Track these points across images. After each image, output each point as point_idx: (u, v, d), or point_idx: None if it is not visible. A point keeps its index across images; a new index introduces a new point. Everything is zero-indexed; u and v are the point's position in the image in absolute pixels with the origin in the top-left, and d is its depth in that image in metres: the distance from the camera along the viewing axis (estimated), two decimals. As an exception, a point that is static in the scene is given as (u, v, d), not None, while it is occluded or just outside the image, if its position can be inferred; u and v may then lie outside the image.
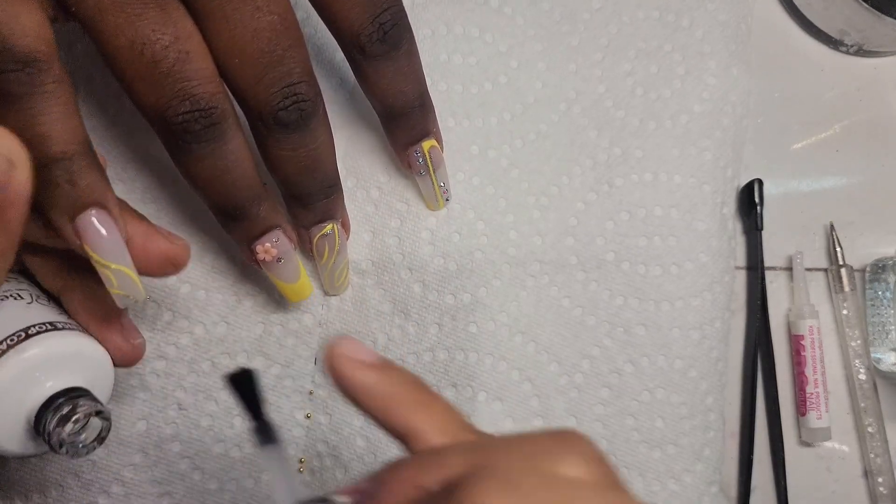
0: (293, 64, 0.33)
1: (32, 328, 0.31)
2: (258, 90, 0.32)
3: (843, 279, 0.49)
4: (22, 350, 0.30)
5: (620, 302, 0.45)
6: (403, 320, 0.44)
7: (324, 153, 0.36)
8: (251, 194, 0.36)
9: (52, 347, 0.31)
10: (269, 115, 0.33)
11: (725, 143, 0.47)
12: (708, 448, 0.45)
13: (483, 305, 0.44)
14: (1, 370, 0.30)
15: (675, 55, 0.48)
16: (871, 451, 0.48)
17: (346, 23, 0.34)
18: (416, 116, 0.39)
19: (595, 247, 0.46)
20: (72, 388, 0.31)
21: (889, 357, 0.48)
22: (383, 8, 0.34)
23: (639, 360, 0.45)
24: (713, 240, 0.46)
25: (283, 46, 0.32)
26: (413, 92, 0.38)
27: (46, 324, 0.32)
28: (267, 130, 0.34)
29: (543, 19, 0.48)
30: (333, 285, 0.43)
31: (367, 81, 0.37)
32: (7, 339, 0.31)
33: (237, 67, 0.32)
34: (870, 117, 0.51)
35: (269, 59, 0.32)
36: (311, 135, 0.35)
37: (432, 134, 0.41)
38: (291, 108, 0.33)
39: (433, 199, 0.43)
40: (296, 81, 0.33)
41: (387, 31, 0.35)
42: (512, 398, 0.44)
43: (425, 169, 0.41)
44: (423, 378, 0.43)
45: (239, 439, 0.42)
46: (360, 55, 0.36)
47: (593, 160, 0.47)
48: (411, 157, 0.41)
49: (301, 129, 0.34)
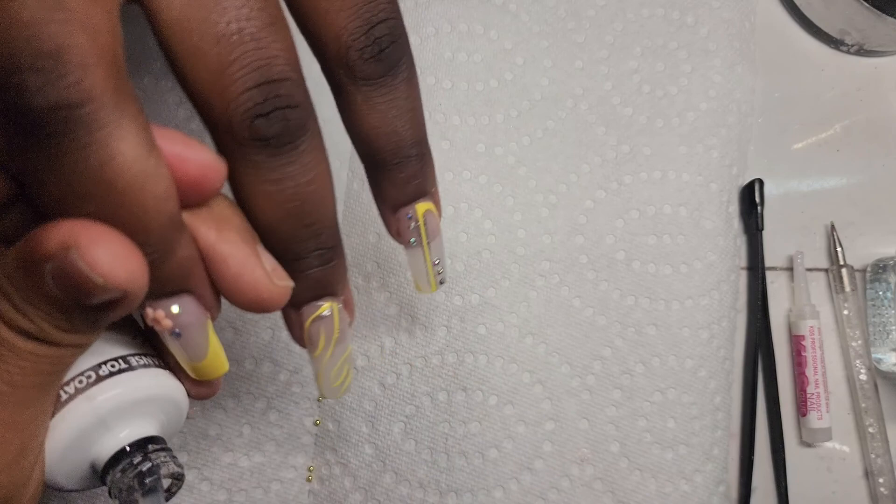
0: (275, 50, 0.23)
1: (104, 367, 0.27)
2: (224, 84, 0.22)
3: (843, 279, 0.49)
4: (91, 396, 0.26)
5: (631, 302, 0.45)
6: (410, 323, 0.43)
7: (320, 189, 0.26)
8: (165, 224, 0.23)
9: (126, 394, 0.27)
10: (241, 124, 0.23)
11: (731, 142, 0.47)
12: (716, 447, 0.45)
13: (492, 306, 0.43)
14: (68, 418, 0.26)
15: (680, 53, 0.48)
16: (871, 452, 0.48)
17: (332, 31, 0.25)
18: (412, 168, 0.29)
19: (605, 245, 0.45)
20: (146, 438, 0.27)
21: (890, 357, 0.48)
22: (381, 18, 0.26)
23: (650, 361, 0.44)
24: (720, 238, 0.46)
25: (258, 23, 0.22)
26: (410, 135, 0.28)
27: (119, 360, 0.27)
28: (237, 149, 0.24)
29: (548, 16, 0.48)
30: (329, 385, 0.32)
31: (352, 113, 0.27)
32: (76, 381, 0.26)
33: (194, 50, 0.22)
34: (870, 117, 0.51)
35: (238, 37, 0.22)
36: (300, 159, 0.24)
37: (430, 195, 0.31)
38: (273, 115, 0.23)
39: (424, 278, 0.34)
40: (277, 77, 0.23)
41: (383, 48, 0.26)
42: (523, 401, 0.43)
43: (417, 239, 0.32)
44: (433, 382, 0.43)
45: (248, 448, 0.40)
46: (346, 76, 0.26)
47: (601, 157, 0.46)
48: (401, 222, 0.31)
49: (286, 149, 0.24)
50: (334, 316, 0.29)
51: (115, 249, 0.21)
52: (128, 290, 0.21)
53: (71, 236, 0.20)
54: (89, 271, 0.20)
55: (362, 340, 0.43)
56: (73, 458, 0.27)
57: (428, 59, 0.45)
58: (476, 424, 0.42)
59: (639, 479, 0.43)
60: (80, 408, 0.26)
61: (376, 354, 0.43)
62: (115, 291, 0.21)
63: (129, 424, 0.27)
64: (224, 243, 0.25)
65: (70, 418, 0.26)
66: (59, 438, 0.26)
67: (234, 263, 0.25)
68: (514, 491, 0.42)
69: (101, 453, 0.27)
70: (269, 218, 0.25)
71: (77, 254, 0.20)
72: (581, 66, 0.47)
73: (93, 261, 0.20)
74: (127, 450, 0.27)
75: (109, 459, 0.27)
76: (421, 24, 0.46)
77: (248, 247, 0.26)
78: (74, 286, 0.21)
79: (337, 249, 0.28)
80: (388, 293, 0.43)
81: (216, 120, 0.23)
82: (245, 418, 0.41)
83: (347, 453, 0.42)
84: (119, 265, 0.21)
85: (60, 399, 0.26)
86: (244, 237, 0.26)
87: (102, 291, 0.21)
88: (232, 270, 0.25)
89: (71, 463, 0.27)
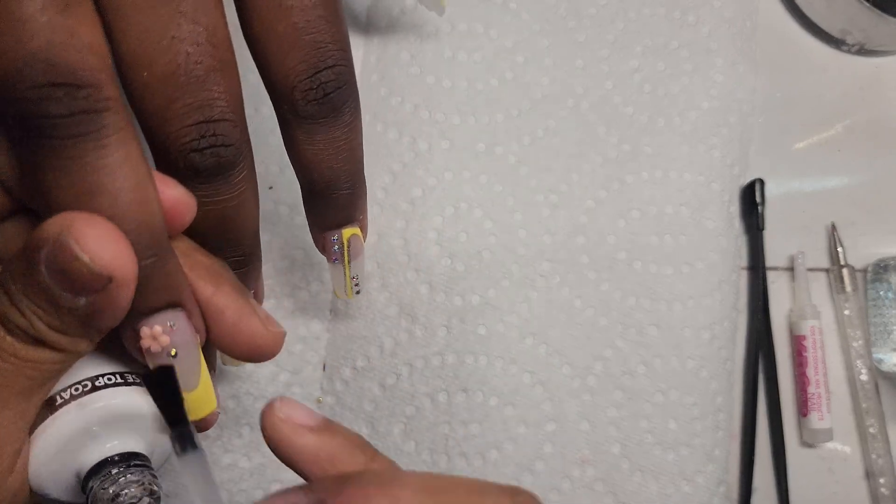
0: (216, 93, 0.25)
1: (100, 378, 0.28)
2: (167, 118, 0.25)
3: (844, 279, 0.49)
4: (84, 404, 0.27)
5: (633, 302, 0.44)
6: (410, 323, 0.43)
7: (242, 212, 0.29)
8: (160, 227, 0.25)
9: (118, 406, 0.28)
10: (178, 156, 0.26)
11: (732, 141, 0.47)
12: (718, 448, 0.45)
13: (492, 307, 0.43)
14: (59, 422, 0.27)
15: (681, 52, 0.48)
16: (872, 452, 0.48)
17: (281, 70, 0.28)
18: (342, 200, 0.33)
19: (606, 245, 0.45)
20: (130, 453, 0.28)
21: (891, 357, 0.48)
22: (328, 64, 0.28)
23: (651, 361, 0.44)
24: (722, 238, 0.46)
25: (205, 67, 0.25)
26: (345, 172, 0.32)
27: (116, 375, 0.28)
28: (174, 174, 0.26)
29: (549, 15, 0.48)
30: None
31: (292, 146, 0.31)
32: (72, 388, 0.27)
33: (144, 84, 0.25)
34: (872, 117, 0.51)
35: (185, 79, 0.25)
36: (228, 189, 0.27)
37: (357, 221, 0.35)
38: (207, 152, 0.26)
39: (342, 288, 0.38)
40: (216, 118, 0.25)
41: (327, 93, 0.28)
42: (524, 403, 0.43)
43: (340, 259, 0.36)
44: (433, 383, 0.42)
45: (248, 449, 0.40)
46: (289, 113, 0.29)
47: (603, 157, 0.46)
48: (327, 241, 0.35)
49: (217, 180, 0.27)
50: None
51: (103, 233, 0.22)
52: (114, 275, 0.23)
53: (65, 223, 0.22)
54: (78, 249, 0.22)
55: (362, 341, 0.43)
56: (60, 462, 0.27)
57: (428, 58, 0.45)
58: (476, 426, 0.42)
59: (640, 481, 0.43)
60: (71, 413, 0.27)
61: (376, 355, 0.43)
62: (100, 277, 0.22)
63: (117, 437, 0.28)
64: (221, 296, 0.28)
65: (61, 422, 0.27)
66: (48, 441, 0.27)
67: (230, 314, 0.28)
68: (514, 492, 0.42)
69: (86, 462, 0.27)
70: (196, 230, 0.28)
71: (67, 234, 0.22)
72: (582, 65, 0.47)
73: (81, 239, 0.22)
74: (109, 461, 0.27)
75: (92, 468, 0.27)
76: (421, 22, 0.46)
77: (242, 298, 0.28)
78: (63, 270, 0.22)
79: (251, 258, 0.31)
80: (389, 293, 0.43)
81: (158, 149, 0.26)
82: (245, 419, 0.41)
83: (347, 455, 0.42)
84: (105, 248, 0.22)
85: (55, 404, 0.27)
86: (238, 290, 0.29)
87: (88, 275, 0.22)
88: (229, 320, 0.28)
89: (58, 467, 0.27)
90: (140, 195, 0.24)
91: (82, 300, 0.23)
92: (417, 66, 0.45)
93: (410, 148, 0.45)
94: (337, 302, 0.43)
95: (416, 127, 0.45)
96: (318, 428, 0.27)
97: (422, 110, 0.45)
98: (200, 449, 0.26)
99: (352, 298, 0.40)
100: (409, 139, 0.45)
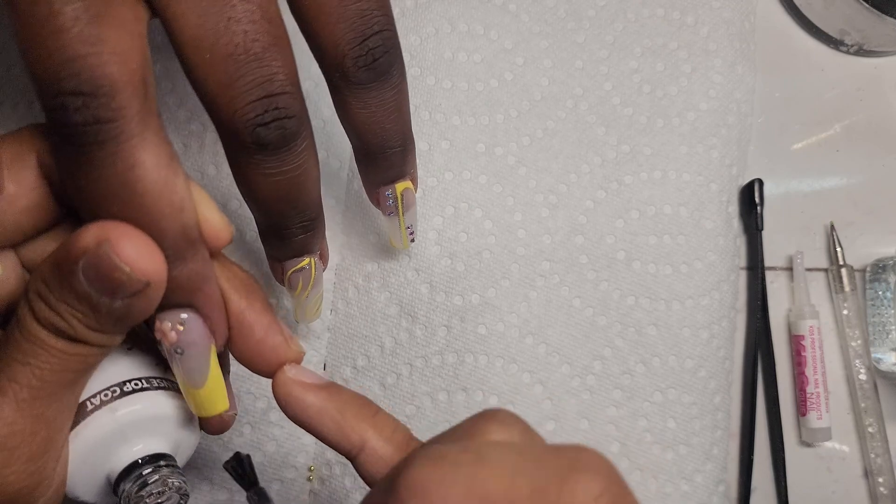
0: (276, 67, 0.26)
1: (128, 384, 0.29)
2: (232, 96, 0.26)
3: (843, 279, 0.49)
4: (114, 409, 0.28)
5: (632, 301, 0.45)
6: (411, 323, 0.43)
7: (307, 180, 0.30)
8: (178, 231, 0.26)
9: (145, 410, 0.29)
10: (245, 131, 0.27)
11: (731, 141, 0.47)
12: (716, 447, 0.45)
13: (492, 306, 0.43)
14: (91, 426, 0.28)
15: (680, 53, 0.48)
16: (871, 452, 0.48)
17: (330, 40, 0.29)
18: (395, 158, 0.35)
19: (605, 245, 0.45)
20: (158, 454, 0.29)
21: (889, 357, 0.48)
22: (375, 30, 0.29)
23: (650, 361, 0.44)
24: (720, 238, 0.46)
25: (262, 43, 0.26)
26: (396, 132, 0.33)
27: (142, 380, 0.30)
28: (241, 149, 0.28)
29: (548, 16, 0.48)
30: (305, 315, 0.39)
31: (345, 111, 0.32)
32: (101, 394, 0.29)
33: (207, 65, 0.26)
34: (870, 117, 0.51)
35: (245, 57, 0.26)
36: (293, 158, 0.29)
37: (408, 175, 0.37)
38: (272, 125, 0.27)
39: (398, 238, 0.40)
40: (277, 91, 0.27)
41: (376, 58, 0.30)
42: (524, 401, 0.43)
43: (395, 211, 0.38)
44: (433, 382, 0.43)
45: (248, 448, 0.40)
46: (341, 80, 0.30)
47: (602, 157, 0.46)
48: (381, 195, 0.37)
49: (282, 152, 0.28)
50: (312, 268, 0.35)
51: (139, 244, 0.24)
52: (151, 281, 0.25)
53: (102, 233, 0.24)
54: (118, 261, 0.24)
55: (362, 340, 0.43)
56: (91, 465, 0.29)
57: (428, 59, 0.45)
58: (476, 424, 0.42)
59: (639, 479, 0.43)
60: (103, 418, 0.28)
61: (376, 354, 0.43)
62: (139, 283, 0.24)
63: (145, 439, 0.29)
64: (252, 311, 0.30)
65: (93, 426, 0.28)
66: (81, 444, 0.28)
67: (258, 329, 0.30)
68: (514, 491, 0.42)
69: (117, 465, 0.29)
70: (265, 200, 0.30)
71: (108, 246, 0.24)
72: (581, 66, 0.47)
73: (121, 251, 0.24)
74: (139, 462, 0.29)
75: (122, 471, 0.29)
76: (421, 24, 0.46)
77: (270, 315, 0.30)
78: (103, 278, 0.24)
79: (318, 220, 0.33)
80: (389, 293, 0.43)
81: (224, 125, 0.27)
82: (245, 418, 0.41)
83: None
84: (143, 257, 0.24)
85: (86, 409, 0.28)
86: (268, 307, 0.30)
87: (128, 282, 0.24)
88: (256, 336, 0.30)
89: (90, 470, 0.29)
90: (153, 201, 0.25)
91: (118, 302, 0.25)
92: (417, 67, 0.45)
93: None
94: (337, 301, 0.43)
95: (417, 127, 0.45)
96: (325, 386, 0.30)
97: (422, 111, 0.45)
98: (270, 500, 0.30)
99: (408, 248, 0.42)
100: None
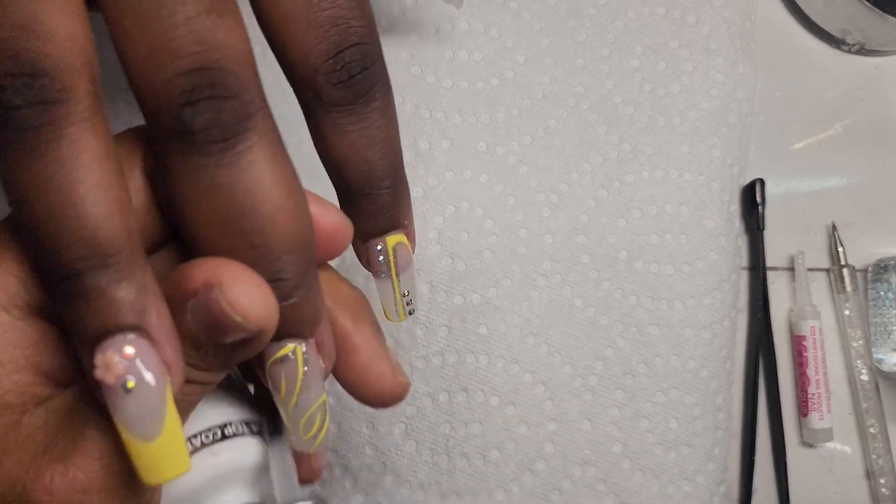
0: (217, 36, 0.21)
1: (229, 427, 0.27)
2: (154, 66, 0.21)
3: (844, 279, 0.49)
4: (216, 453, 0.27)
5: (633, 301, 0.44)
6: (411, 323, 0.43)
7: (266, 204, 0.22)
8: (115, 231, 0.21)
9: (244, 458, 0.27)
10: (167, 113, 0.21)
11: (732, 141, 0.47)
12: (717, 447, 0.45)
13: (493, 306, 0.43)
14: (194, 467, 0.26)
15: (681, 52, 0.47)
16: (873, 452, 0.48)
17: (299, 52, 0.24)
18: (382, 200, 0.27)
19: (607, 245, 0.45)
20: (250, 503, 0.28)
21: (891, 357, 0.48)
22: (351, 42, 0.24)
23: (652, 361, 0.44)
24: (722, 238, 0.46)
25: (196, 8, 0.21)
26: (382, 167, 0.26)
27: (243, 424, 0.28)
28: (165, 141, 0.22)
29: (549, 14, 0.47)
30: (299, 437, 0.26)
31: (321, 139, 0.25)
32: (202, 435, 0.27)
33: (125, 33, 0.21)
34: (871, 117, 0.51)
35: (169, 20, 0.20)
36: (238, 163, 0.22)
37: (402, 227, 0.29)
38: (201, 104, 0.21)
39: (392, 308, 0.31)
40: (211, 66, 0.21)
41: (353, 74, 0.24)
42: (525, 402, 0.43)
43: (386, 271, 0.29)
44: (434, 382, 0.42)
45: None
46: (314, 101, 0.24)
47: (603, 157, 0.46)
48: (370, 252, 0.29)
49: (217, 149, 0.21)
50: (298, 360, 0.25)
51: (253, 289, 0.21)
52: (263, 329, 0.21)
53: (214, 275, 0.21)
54: (230, 310, 0.21)
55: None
56: None
57: (428, 57, 0.45)
58: (477, 425, 0.42)
59: (641, 480, 0.43)
60: (204, 461, 0.26)
61: (377, 355, 0.43)
62: (251, 331, 0.21)
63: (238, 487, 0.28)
64: (359, 334, 0.27)
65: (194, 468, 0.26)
66: (179, 485, 0.26)
67: (365, 354, 0.27)
68: (515, 492, 0.42)
69: None
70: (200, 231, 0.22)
71: (220, 291, 0.21)
72: (582, 64, 0.47)
73: (234, 299, 0.21)
74: None
75: None
76: (421, 23, 0.46)
77: (377, 340, 0.27)
78: (214, 324, 0.21)
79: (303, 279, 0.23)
80: (389, 293, 0.43)
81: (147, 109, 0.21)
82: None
83: (348, 454, 0.42)
84: (257, 305, 0.21)
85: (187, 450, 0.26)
86: (375, 330, 0.27)
87: (239, 330, 0.21)
88: (363, 361, 0.27)
89: None
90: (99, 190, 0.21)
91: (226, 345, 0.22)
92: (418, 66, 0.45)
93: (411, 147, 0.45)
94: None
95: (417, 126, 0.45)
96: None
97: (422, 110, 0.45)
98: None
99: (404, 320, 0.33)
100: (410, 139, 0.45)
